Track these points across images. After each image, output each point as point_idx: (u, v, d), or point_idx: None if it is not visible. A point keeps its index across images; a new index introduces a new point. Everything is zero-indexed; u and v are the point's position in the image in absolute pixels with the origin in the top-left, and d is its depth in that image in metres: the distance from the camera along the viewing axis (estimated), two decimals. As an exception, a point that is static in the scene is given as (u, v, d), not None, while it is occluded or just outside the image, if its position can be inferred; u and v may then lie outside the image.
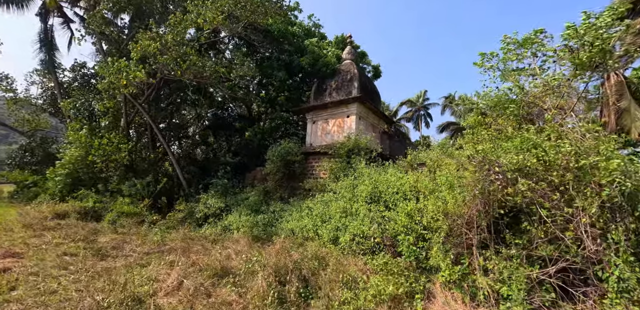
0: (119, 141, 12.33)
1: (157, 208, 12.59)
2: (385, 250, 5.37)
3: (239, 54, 12.98)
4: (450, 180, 6.42)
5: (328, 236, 6.43)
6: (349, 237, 5.90)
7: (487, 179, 4.40)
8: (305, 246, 6.65)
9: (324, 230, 6.71)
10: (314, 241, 6.75)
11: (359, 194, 7.60)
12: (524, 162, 4.28)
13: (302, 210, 8.66)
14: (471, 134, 7.32)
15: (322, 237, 6.61)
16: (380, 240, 5.49)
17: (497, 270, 3.97)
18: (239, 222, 9.50)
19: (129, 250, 6.46)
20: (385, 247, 5.41)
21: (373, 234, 5.60)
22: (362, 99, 11.64)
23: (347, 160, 9.83)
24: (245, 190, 12.18)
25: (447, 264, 4.34)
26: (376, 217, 6.36)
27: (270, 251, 6.06)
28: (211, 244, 7.90)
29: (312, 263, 4.89)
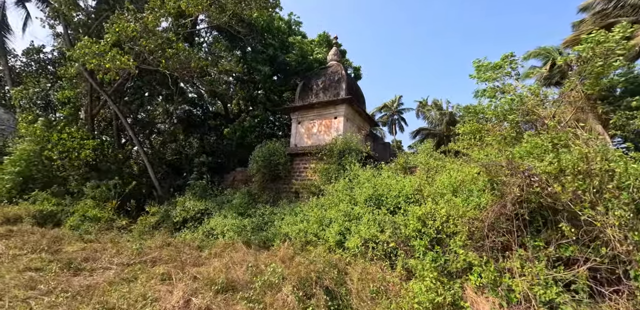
0: (82, 136, 10.94)
1: (125, 211, 11.37)
2: (402, 255, 5.13)
3: (219, 46, 12.16)
4: (454, 183, 6.43)
5: (333, 241, 6.05)
6: (359, 242, 5.58)
7: (524, 181, 4.33)
8: (308, 252, 6.23)
9: (328, 235, 6.32)
10: (316, 246, 6.35)
11: (357, 196, 7.33)
12: (551, 166, 4.27)
13: (296, 213, 8.20)
14: (469, 139, 7.41)
15: (327, 242, 6.22)
16: (396, 244, 5.24)
17: (530, 273, 3.89)
18: (223, 226, 8.81)
19: (106, 262, 5.57)
20: (402, 252, 5.16)
21: (387, 238, 5.33)
22: (351, 101, 11.44)
23: (339, 161, 9.54)
24: (226, 192, 11.40)
25: (480, 267, 4.19)
26: (383, 221, 6.13)
27: (273, 258, 5.56)
28: (197, 251, 7.18)
29: (332, 272, 4.49)
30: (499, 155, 5.77)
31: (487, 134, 6.93)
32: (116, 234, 8.87)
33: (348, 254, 5.63)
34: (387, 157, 12.21)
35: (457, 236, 5.19)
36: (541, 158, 4.61)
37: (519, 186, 4.49)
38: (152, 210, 11.02)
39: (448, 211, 5.45)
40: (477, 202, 5.36)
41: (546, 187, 4.22)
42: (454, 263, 4.51)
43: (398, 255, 5.17)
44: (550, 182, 4.23)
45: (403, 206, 6.59)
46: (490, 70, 7.66)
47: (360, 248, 5.51)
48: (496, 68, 7.63)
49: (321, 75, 12.79)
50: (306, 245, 6.77)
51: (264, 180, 10.78)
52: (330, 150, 9.76)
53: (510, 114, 6.53)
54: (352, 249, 5.67)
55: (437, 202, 5.91)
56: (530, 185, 4.27)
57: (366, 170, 8.64)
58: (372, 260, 5.28)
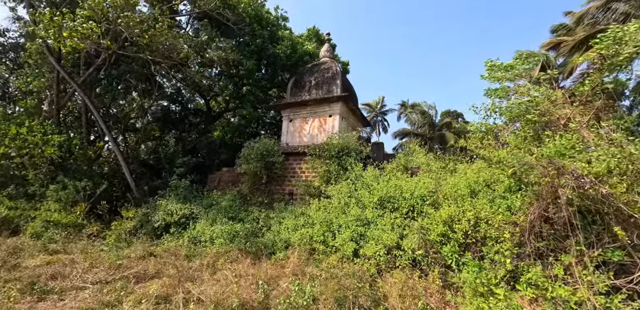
0: (46, 130, 9.51)
1: (96, 216, 10.05)
2: (432, 263, 4.59)
3: (208, 33, 11.10)
4: (472, 184, 6.01)
5: (349, 248, 5.40)
6: (381, 250, 4.97)
7: (572, 183, 3.91)
8: (317, 261, 5.54)
9: (339, 242, 5.67)
10: (326, 255, 5.68)
11: (364, 199, 6.74)
12: (598, 166, 3.90)
13: (295, 217, 7.47)
14: (481, 138, 7.04)
15: (340, 250, 5.56)
16: (424, 252, 4.69)
17: (585, 280, 3.47)
18: (211, 232, 7.90)
19: (79, 279, 4.56)
20: (431, 260, 4.62)
21: (412, 245, 4.77)
22: (346, 99, 10.88)
23: (338, 161, 8.91)
24: (212, 194, 10.41)
25: (529, 275, 3.73)
26: (399, 225, 5.59)
27: (282, 271, 4.83)
28: (186, 262, 6.25)
29: (365, 288, 3.83)
30: (524, 155, 5.41)
31: (500, 134, 6.59)
32: (87, 242, 7.69)
33: (368, 264, 5.00)
34: (381, 158, 11.77)
35: (488, 240, 4.76)
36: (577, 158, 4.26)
37: (568, 187, 4.08)
38: (128, 214, 9.83)
39: (476, 214, 5.01)
40: (507, 204, 4.95)
41: (597, 189, 3.83)
42: (496, 272, 4.03)
43: (429, 263, 4.63)
44: (599, 184, 3.87)
45: (418, 209, 6.10)
46: (502, 71, 7.43)
47: (384, 256, 4.90)
48: (507, 69, 7.41)
49: (314, 72, 12.12)
50: (313, 254, 6.09)
51: (256, 181, 9.92)
52: (329, 149, 9.11)
53: (528, 114, 6.22)
54: (371, 258, 5.06)
55: (459, 205, 5.47)
56: (580, 187, 3.86)
57: (369, 171, 8.10)
58: (400, 270, 4.69)
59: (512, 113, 6.39)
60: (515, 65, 7.18)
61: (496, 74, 7.45)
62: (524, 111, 6.27)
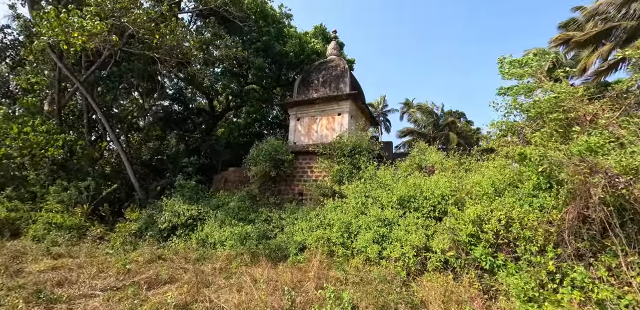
0: (49, 130, 9.16)
1: (99, 217, 9.70)
2: (467, 266, 4.30)
3: (206, 31, 10.78)
4: (496, 182, 5.74)
5: (372, 251, 5.10)
6: (410, 252, 4.67)
7: (605, 182, 3.64)
8: (337, 264, 5.24)
9: (361, 243, 5.36)
10: (348, 258, 5.38)
11: (382, 198, 6.44)
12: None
13: (309, 218, 7.16)
14: (501, 136, 6.78)
15: (363, 252, 5.26)
16: (456, 253, 4.40)
17: (636, 282, 3.20)
18: (221, 233, 7.60)
19: (87, 286, 4.23)
20: (464, 262, 4.33)
21: (444, 246, 4.48)
22: (356, 97, 10.60)
23: (350, 160, 8.62)
24: (219, 194, 10.08)
25: (581, 278, 3.45)
26: (423, 226, 5.31)
27: (305, 275, 4.52)
28: (197, 265, 5.93)
29: (402, 294, 3.53)
30: (553, 152, 5.15)
31: (523, 131, 6.32)
32: (91, 245, 7.35)
33: (395, 266, 4.71)
34: (391, 157, 11.50)
35: (520, 241, 4.49)
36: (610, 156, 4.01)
37: (600, 187, 3.82)
38: (132, 216, 9.49)
39: (507, 213, 4.74)
40: (540, 203, 4.67)
41: (631, 190, 3.58)
42: (537, 274, 3.75)
43: (462, 266, 4.34)
44: (634, 184, 3.62)
45: (440, 208, 5.83)
46: (518, 67, 7.22)
47: (413, 258, 4.61)
48: (523, 64, 7.24)
49: (322, 70, 11.83)
50: (332, 256, 5.78)
51: (264, 181, 9.61)
52: (341, 148, 8.82)
53: (553, 110, 5.96)
54: (397, 260, 4.77)
55: (485, 204, 5.20)
56: (614, 186, 3.60)
57: (383, 170, 7.83)
58: (430, 273, 4.40)
59: (537, 110, 6.12)
60: (531, 62, 6.96)
61: (514, 70, 7.22)
62: (550, 107, 6.01)
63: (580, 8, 14.40)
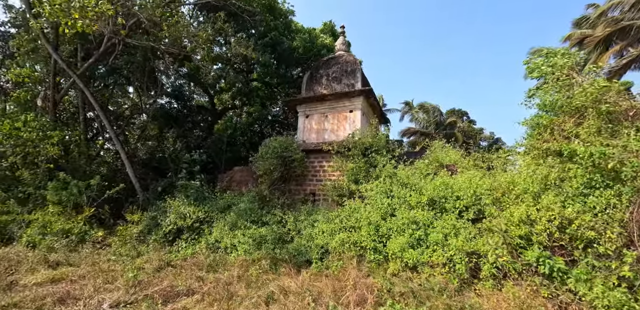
0: (44, 126, 8.45)
1: (98, 220, 9.02)
2: (526, 272, 3.83)
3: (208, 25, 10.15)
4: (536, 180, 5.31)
5: (411, 256, 4.61)
6: (457, 257, 4.19)
7: None
8: (370, 269, 4.72)
9: (398, 247, 4.86)
10: (380, 263, 4.88)
11: (412, 199, 5.95)
12: None
13: (329, 220, 6.64)
14: (539, 133, 6.33)
15: (398, 257, 4.77)
16: (511, 258, 3.94)
17: None
18: (232, 237, 7.03)
19: (95, 303, 3.64)
20: (521, 267, 3.86)
21: (501, 250, 4.01)
22: (368, 93, 10.11)
23: (366, 159, 8.12)
24: (225, 195, 9.49)
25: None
26: (460, 228, 4.85)
27: (342, 284, 3.99)
28: (212, 273, 5.35)
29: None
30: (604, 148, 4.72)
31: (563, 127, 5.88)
32: (92, 251, 6.70)
33: (440, 274, 4.21)
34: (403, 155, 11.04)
35: (577, 242, 4.05)
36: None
37: None
38: (133, 218, 8.81)
39: (561, 213, 4.30)
40: (595, 203, 4.24)
41: None
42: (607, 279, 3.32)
43: (520, 271, 3.88)
44: None
45: (474, 209, 5.37)
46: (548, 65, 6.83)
47: (462, 264, 4.13)
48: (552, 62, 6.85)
49: (331, 65, 11.32)
50: (360, 261, 5.26)
51: (274, 181, 9.04)
52: (357, 146, 8.31)
53: (600, 105, 5.54)
54: (440, 266, 4.29)
55: (529, 203, 4.77)
56: None
57: (402, 169, 7.37)
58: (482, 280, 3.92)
59: (577, 104, 5.68)
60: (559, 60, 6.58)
61: (544, 68, 6.83)
62: (592, 102, 5.59)
63: (593, 5, 14.19)
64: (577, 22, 15.00)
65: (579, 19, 14.90)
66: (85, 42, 9.67)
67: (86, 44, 9.63)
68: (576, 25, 15.00)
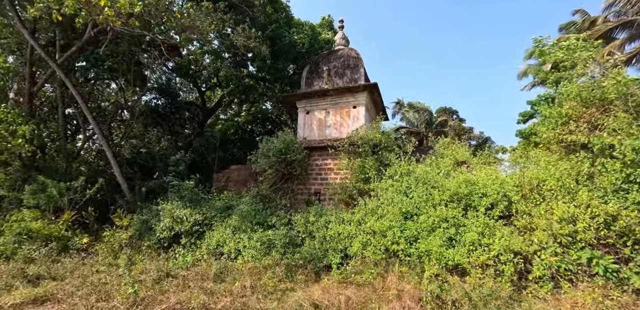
0: (14, 120, 7.46)
1: (81, 224, 8.13)
2: (581, 273, 3.48)
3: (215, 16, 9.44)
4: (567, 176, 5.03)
5: (448, 257, 4.20)
6: (505, 258, 3.79)
7: None
8: (404, 275, 4.25)
9: (429, 248, 4.43)
10: (412, 267, 4.44)
11: (434, 198, 5.55)
12: None
13: (344, 221, 6.14)
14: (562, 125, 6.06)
15: (432, 259, 4.33)
16: (560, 258, 3.58)
17: None
18: (236, 242, 6.40)
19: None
20: (573, 267, 3.51)
21: (552, 249, 3.65)
22: (372, 89, 9.68)
23: (377, 157, 7.68)
24: (222, 196, 8.80)
25: None
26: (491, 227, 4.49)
27: (381, 294, 3.49)
28: (219, 284, 4.73)
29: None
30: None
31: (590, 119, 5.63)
32: (77, 260, 5.89)
33: (485, 276, 3.81)
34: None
35: (625, 239, 3.76)
36: None
37: None
38: (122, 222, 7.99)
39: (605, 210, 4.01)
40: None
41: None
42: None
43: (575, 272, 3.53)
44: None
45: (502, 206, 5.04)
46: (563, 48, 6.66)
47: (510, 266, 3.74)
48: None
49: (331, 60, 10.82)
50: (388, 265, 4.79)
51: (276, 181, 8.45)
52: (366, 143, 7.85)
53: (621, 98, 5.32)
54: (487, 268, 3.89)
55: (565, 200, 4.49)
56: None
57: (416, 166, 7.00)
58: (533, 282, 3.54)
59: (610, 96, 5.44)
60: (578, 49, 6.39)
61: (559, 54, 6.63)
62: (617, 94, 5.37)
63: (579, 11, 14.42)
64: (564, 27, 15.25)
65: (566, 24, 15.15)
66: (65, 29, 8.71)
67: (67, 30, 8.66)
68: (563, 30, 15.24)
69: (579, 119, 5.66)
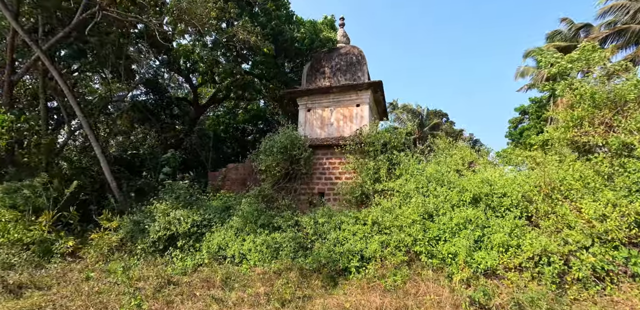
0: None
1: (64, 225, 7.42)
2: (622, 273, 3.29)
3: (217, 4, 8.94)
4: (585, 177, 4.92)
5: (479, 259, 3.95)
6: (548, 258, 3.56)
7: None
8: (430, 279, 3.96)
9: (457, 250, 4.17)
10: (438, 270, 4.17)
11: (452, 197, 5.33)
12: None
13: (356, 221, 5.81)
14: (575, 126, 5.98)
15: (468, 262, 4.06)
16: (601, 257, 3.40)
17: None
18: (240, 244, 5.95)
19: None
20: (618, 269, 3.32)
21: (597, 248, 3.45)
22: (376, 87, 9.44)
23: (387, 156, 7.41)
24: (220, 195, 8.31)
25: None
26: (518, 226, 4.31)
27: (416, 302, 3.18)
28: (228, 291, 4.29)
29: None
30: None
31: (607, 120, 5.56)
32: (64, 266, 5.27)
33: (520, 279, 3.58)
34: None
35: None
36: None
37: None
38: (111, 224, 7.34)
39: (632, 208, 3.90)
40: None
41: None
42: None
43: (617, 273, 3.34)
44: None
45: (522, 206, 4.88)
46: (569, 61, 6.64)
47: (552, 267, 3.52)
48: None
49: (333, 57, 10.52)
50: (410, 268, 4.49)
51: (278, 180, 8.03)
52: (375, 142, 7.58)
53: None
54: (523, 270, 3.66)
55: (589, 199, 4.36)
56: None
57: (424, 165, 6.80)
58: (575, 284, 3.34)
59: (620, 97, 5.40)
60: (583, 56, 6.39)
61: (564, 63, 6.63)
62: (635, 94, 5.32)
63: (566, 19, 14.80)
64: (551, 35, 15.64)
65: (552, 33, 15.55)
66: (50, 15, 7.99)
67: (52, 16, 7.94)
68: (549, 38, 15.62)
69: (593, 121, 5.59)
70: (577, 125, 5.82)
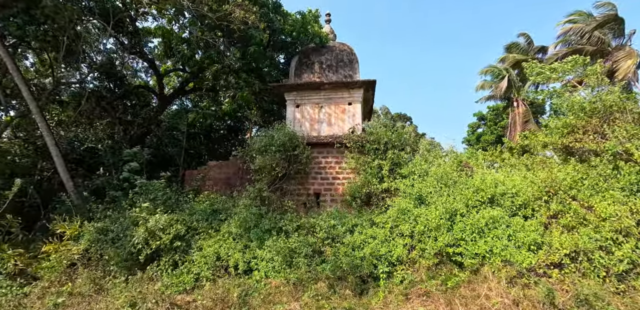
0: None
1: (3, 234, 5.82)
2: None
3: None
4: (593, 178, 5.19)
5: (519, 258, 3.85)
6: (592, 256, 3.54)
7: None
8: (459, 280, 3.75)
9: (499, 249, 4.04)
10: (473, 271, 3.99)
11: (468, 198, 5.24)
12: None
13: (373, 224, 5.45)
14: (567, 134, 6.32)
15: (508, 262, 3.92)
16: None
17: None
18: (242, 253, 5.22)
19: None
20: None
21: None
22: (369, 86, 9.21)
23: (388, 155, 7.16)
24: (202, 197, 7.30)
25: None
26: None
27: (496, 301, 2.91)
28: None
29: None
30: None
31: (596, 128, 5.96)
32: (12, 291, 4.00)
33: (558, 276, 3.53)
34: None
35: None
36: None
37: None
38: (69, 232, 5.96)
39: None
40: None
41: None
42: None
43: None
44: None
45: (531, 207, 4.98)
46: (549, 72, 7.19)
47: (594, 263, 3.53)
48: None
49: (323, 53, 10.06)
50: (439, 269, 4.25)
51: (274, 180, 7.30)
52: (376, 141, 7.29)
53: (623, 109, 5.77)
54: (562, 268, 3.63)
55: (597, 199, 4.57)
56: None
57: (434, 166, 6.72)
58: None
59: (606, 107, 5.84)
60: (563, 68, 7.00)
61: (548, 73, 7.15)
62: (618, 105, 5.80)
63: (524, 34, 16.35)
64: (509, 47, 17.18)
65: (510, 45, 17.09)
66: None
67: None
68: (507, 50, 17.16)
69: (583, 128, 5.97)
70: (570, 132, 6.19)
